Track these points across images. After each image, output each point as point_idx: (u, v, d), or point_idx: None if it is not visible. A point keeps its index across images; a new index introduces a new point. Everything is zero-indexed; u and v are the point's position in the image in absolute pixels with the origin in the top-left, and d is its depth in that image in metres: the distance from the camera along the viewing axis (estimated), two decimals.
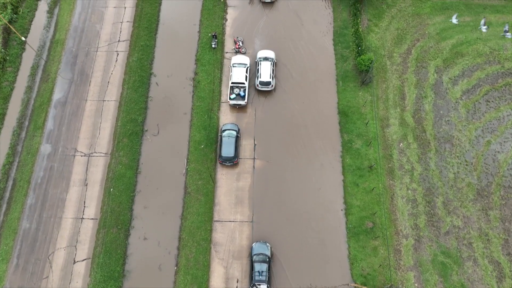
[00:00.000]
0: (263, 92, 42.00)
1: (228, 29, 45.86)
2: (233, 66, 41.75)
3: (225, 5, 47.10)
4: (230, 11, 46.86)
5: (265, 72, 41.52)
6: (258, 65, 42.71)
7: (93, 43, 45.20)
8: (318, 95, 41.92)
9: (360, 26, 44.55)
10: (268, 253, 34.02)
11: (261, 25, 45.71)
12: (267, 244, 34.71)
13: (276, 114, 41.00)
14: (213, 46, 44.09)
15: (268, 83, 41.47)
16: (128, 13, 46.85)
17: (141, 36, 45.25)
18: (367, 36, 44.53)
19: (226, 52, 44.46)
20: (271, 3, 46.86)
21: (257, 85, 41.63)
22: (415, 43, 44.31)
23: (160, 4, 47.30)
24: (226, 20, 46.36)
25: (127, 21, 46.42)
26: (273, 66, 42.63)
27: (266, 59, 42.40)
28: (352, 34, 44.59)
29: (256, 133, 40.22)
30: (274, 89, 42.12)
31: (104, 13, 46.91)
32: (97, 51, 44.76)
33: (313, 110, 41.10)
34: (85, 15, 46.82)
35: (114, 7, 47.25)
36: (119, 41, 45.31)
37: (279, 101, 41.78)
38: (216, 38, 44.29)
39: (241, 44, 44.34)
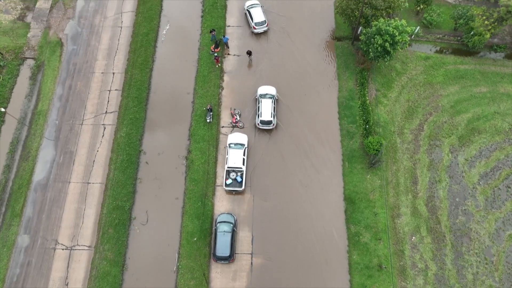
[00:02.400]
0: (263, 177, 38.47)
1: (224, 99, 42.35)
2: (230, 147, 38.26)
3: (221, 71, 43.61)
4: (226, 78, 43.36)
5: (266, 110, 39.45)
6: (258, 103, 40.26)
7: (78, 114, 41.69)
8: (322, 178, 38.36)
9: (367, 98, 41.11)
10: None
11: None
12: None
13: (277, 200, 37.45)
14: (208, 120, 40.58)
15: (269, 122, 39.43)
16: (117, 80, 43.36)
17: (130, 107, 41.75)
18: (375, 109, 41.03)
19: (222, 127, 40.95)
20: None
21: (258, 124, 39.74)
22: (428, 117, 40.80)
23: (151, 70, 43.82)
24: (223, 88, 42.86)
25: (116, 89, 42.93)
26: (274, 103, 40.01)
27: (267, 96, 40.27)
28: (359, 107, 41.09)
29: (254, 224, 36.66)
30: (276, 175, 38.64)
31: (91, 80, 43.43)
32: (82, 124, 41.27)
33: (317, 197, 37.54)
34: (70, 81, 43.33)
35: (102, 73, 43.79)
36: (106, 112, 41.81)
37: (280, 183, 38.23)
38: (211, 111, 40.82)
39: (238, 118, 40.84)
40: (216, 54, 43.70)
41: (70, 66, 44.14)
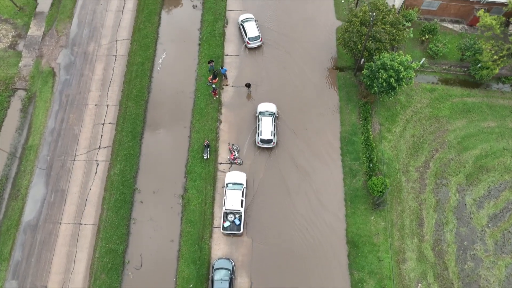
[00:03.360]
0: (263, 218, 36.88)
1: (222, 134, 40.75)
2: (227, 187, 36.66)
3: (219, 103, 42.03)
4: (224, 111, 41.77)
5: (266, 128, 38.77)
6: (258, 120, 39.31)
7: (71, 150, 40.10)
8: (324, 219, 36.73)
9: (371, 133, 39.52)
10: None
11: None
12: None
13: (276, 247, 35.78)
14: (205, 157, 39.00)
15: (269, 141, 38.73)
16: (111, 113, 41.77)
17: (125, 142, 40.16)
18: (379, 144, 39.44)
19: (220, 163, 39.34)
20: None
21: (258, 142, 38.97)
22: (434, 153, 39.21)
23: (146, 102, 42.24)
24: (220, 122, 41.27)
25: (110, 123, 41.35)
26: (274, 121, 39.02)
27: (266, 113, 39.46)
28: (362, 143, 39.49)
29: (253, 270, 35.02)
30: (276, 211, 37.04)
31: (84, 112, 41.85)
32: (74, 160, 39.67)
33: (319, 240, 35.91)
34: (63, 114, 41.74)
35: (95, 105, 42.21)
36: (99, 147, 40.22)
37: (280, 224, 36.61)
38: (209, 147, 39.24)
39: (236, 154, 39.26)
40: (214, 86, 42.16)
41: (62, 98, 42.57)
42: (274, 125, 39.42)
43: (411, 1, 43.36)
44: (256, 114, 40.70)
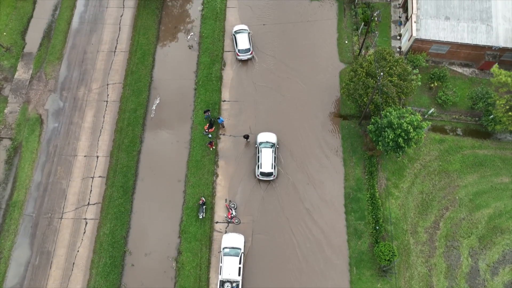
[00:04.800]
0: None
1: (219, 189, 38.39)
2: (224, 253, 34.26)
3: (215, 155, 39.68)
4: (221, 163, 39.41)
5: (266, 161, 37.25)
6: (258, 152, 37.55)
7: (58, 207, 37.74)
8: (327, 284, 34.39)
9: (377, 190, 37.20)
10: None
11: (258, 186, 38.25)
12: None
13: None
14: (201, 216, 36.62)
15: (269, 174, 37.27)
16: (101, 165, 39.42)
17: (115, 198, 37.80)
18: (385, 202, 37.08)
19: (216, 222, 36.99)
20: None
21: (258, 175, 37.58)
22: (444, 212, 36.84)
23: (139, 152, 39.89)
24: (217, 176, 38.92)
25: (99, 176, 39.02)
26: (275, 152, 37.30)
27: (267, 144, 37.87)
28: (367, 200, 37.13)
29: None
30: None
31: (73, 164, 39.50)
32: (61, 218, 37.33)
33: None
34: (50, 167, 39.40)
35: (85, 156, 39.87)
36: (88, 204, 37.88)
37: None
38: (204, 205, 36.90)
39: (234, 213, 36.89)
40: (210, 136, 39.89)
41: (50, 148, 40.22)
42: (275, 157, 37.77)
43: (419, 45, 41.02)
44: (256, 145, 38.78)
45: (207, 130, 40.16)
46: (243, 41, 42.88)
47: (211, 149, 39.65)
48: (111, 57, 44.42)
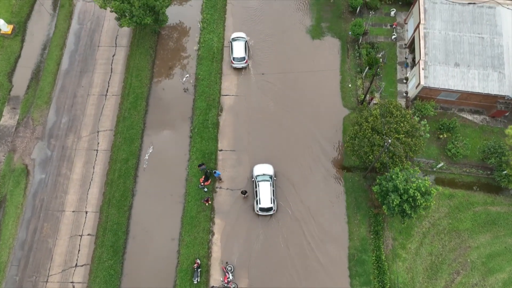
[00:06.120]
0: None
1: (215, 249, 36.11)
2: None
3: (212, 210, 37.41)
4: (218, 220, 37.13)
5: (265, 196, 35.86)
6: (255, 186, 35.75)
7: (43, 268, 35.48)
8: None
9: (383, 252, 34.95)
10: None
11: (256, 247, 35.98)
12: None
13: None
14: (195, 281, 34.32)
15: (269, 209, 36.04)
16: (90, 222, 37.17)
17: (105, 260, 35.52)
18: (392, 265, 34.80)
19: (212, 287, 34.65)
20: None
21: (257, 211, 36.24)
22: (455, 277, 34.55)
23: (130, 208, 37.64)
24: (213, 234, 36.63)
25: (88, 234, 36.74)
26: (273, 186, 36.38)
27: (264, 177, 36.45)
28: (373, 263, 34.85)
29: None
30: None
31: (60, 221, 37.23)
32: (47, 281, 35.06)
33: None
34: (36, 223, 37.13)
35: (73, 211, 37.59)
36: (76, 266, 35.61)
37: None
38: (199, 267, 34.62)
39: (231, 277, 34.58)
40: (205, 190, 37.64)
41: (36, 202, 37.97)
42: (273, 190, 36.11)
43: (427, 92, 38.76)
44: (253, 179, 37.02)
45: (202, 184, 37.88)
46: (238, 49, 41.92)
47: (206, 204, 37.38)
48: (102, 101, 42.19)
